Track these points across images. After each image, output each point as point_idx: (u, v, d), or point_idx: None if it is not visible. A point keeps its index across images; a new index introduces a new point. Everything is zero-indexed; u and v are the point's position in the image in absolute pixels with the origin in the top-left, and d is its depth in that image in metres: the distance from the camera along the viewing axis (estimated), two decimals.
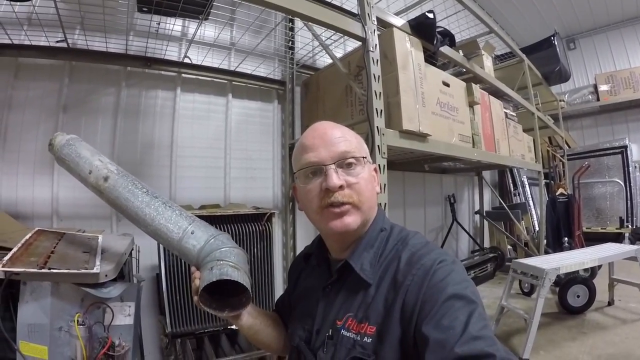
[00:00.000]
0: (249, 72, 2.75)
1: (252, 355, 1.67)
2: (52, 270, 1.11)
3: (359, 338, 0.73)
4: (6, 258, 1.14)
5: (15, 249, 1.25)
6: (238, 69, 2.69)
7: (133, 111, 2.40)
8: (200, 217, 1.74)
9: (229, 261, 0.90)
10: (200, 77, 2.61)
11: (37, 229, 1.58)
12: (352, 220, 0.77)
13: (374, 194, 0.84)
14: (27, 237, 1.42)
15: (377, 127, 1.77)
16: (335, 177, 0.76)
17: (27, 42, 2.06)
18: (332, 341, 0.77)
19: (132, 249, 1.75)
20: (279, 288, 2.83)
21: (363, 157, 0.81)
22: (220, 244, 0.97)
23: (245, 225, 1.89)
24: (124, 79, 2.38)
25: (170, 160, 2.50)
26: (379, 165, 1.76)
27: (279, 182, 2.97)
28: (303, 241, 2.94)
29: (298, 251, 2.85)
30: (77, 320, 1.13)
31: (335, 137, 0.80)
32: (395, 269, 0.75)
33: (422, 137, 2.08)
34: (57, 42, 2.12)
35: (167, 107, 2.51)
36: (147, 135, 2.44)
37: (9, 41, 2.01)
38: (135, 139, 2.40)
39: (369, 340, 0.72)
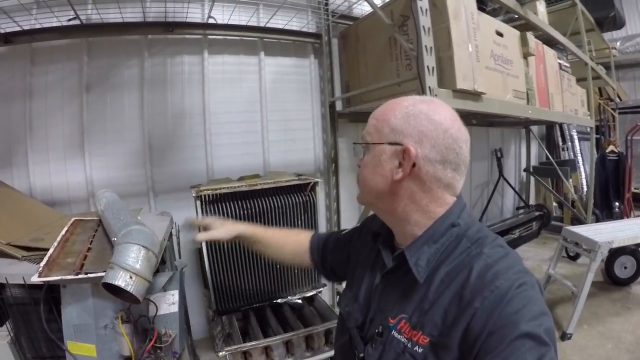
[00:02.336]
0: (280, 26, 2.53)
1: (300, 334, 1.62)
2: (88, 275, 1.10)
3: (410, 345, 0.68)
4: (42, 264, 1.15)
5: (51, 250, 1.25)
6: (269, 25, 2.48)
7: (159, 81, 2.30)
8: (239, 192, 1.68)
9: (112, 263, 1.04)
10: (228, 37, 2.43)
11: (73, 219, 1.60)
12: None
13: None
14: (63, 232, 1.43)
15: (429, 87, 1.59)
16: (357, 160, 0.82)
17: (38, 26, 1.97)
18: (381, 339, 0.74)
19: (172, 229, 1.71)
20: None
21: (368, 143, 0.77)
22: (118, 242, 1.12)
23: (287, 197, 1.77)
24: (146, 49, 2.26)
25: (204, 129, 2.41)
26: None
27: (320, 143, 2.84)
28: (347, 204, 2.87)
29: (342, 214, 2.83)
30: (121, 318, 1.12)
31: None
32: (463, 281, 0.66)
33: (476, 96, 1.87)
34: (69, 20, 2.01)
35: (195, 72, 2.38)
36: (176, 105, 2.35)
37: (19, 28, 1.93)
38: (165, 110, 2.32)
39: (420, 350, 0.67)
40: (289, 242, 1.19)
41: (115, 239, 1.18)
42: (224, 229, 1.15)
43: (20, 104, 2.05)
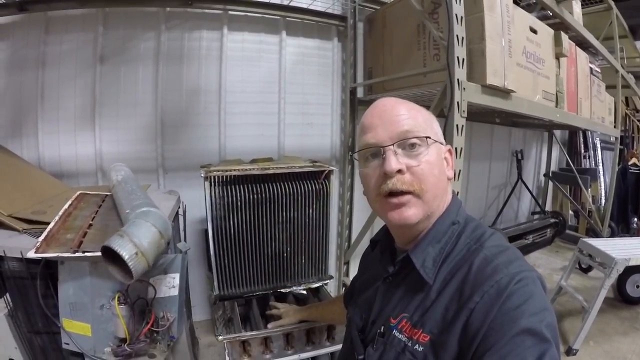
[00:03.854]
0: (304, 6, 2.44)
1: (301, 327, 1.58)
2: (85, 254, 1.09)
3: (410, 344, 0.69)
4: (40, 239, 1.14)
5: (51, 225, 1.24)
6: (292, 3, 2.40)
7: (176, 56, 2.25)
8: (251, 176, 1.63)
9: (123, 231, 1.02)
10: (249, 14, 2.37)
11: (78, 192, 1.60)
12: (412, 213, 0.71)
13: (442, 180, 0.75)
14: (66, 206, 1.43)
15: (458, 79, 1.51)
16: (394, 160, 0.70)
17: None
18: (382, 339, 0.74)
19: (179, 208, 1.68)
20: (334, 251, 2.79)
21: (428, 137, 0.73)
22: (134, 218, 1.12)
23: (300, 184, 1.71)
24: (164, 21, 2.21)
25: (218, 107, 2.37)
26: (457, 126, 1.53)
27: (338, 129, 2.79)
28: (361, 193, 2.81)
29: (355, 204, 2.82)
30: (118, 300, 1.11)
31: (395, 115, 0.73)
32: (463, 276, 0.66)
33: (505, 93, 1.80)
34: None
35: (213, 49, 2.33)
36: (192, 81, 2.30)
37: None
38: (180, 86, 2.28)
39: (420, 348, 0.67)
40: (336, 310, 1.31)
41: (129, 210, 1.17)
42: (288, 317, 1.47)
43: (32, 73, 2.03)
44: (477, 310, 0.61)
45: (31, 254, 1.06)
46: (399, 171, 0.70)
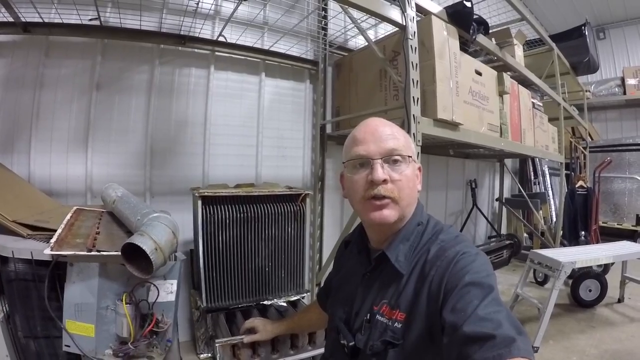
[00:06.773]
0: (282, 51, 2.70)
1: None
2: (102, 253, 1.13)
3: (390, 323, 0.80)
4: (53, 241, 1.17)
5: (59, 231, 1.28)
6: (272, 48, 2.65)
7: (167, 89, 2.39)
8: (237, 197, 1.83)
9: (142, 231, 1.10)
10: (233, 56, 2.58)
11: (75, 207, 1.64)
12: (389, 213, 0.84)
13: (414, 192, 0.89)
14: (68, 217, 1.46)
15: (414, 115, 1.78)
16: (381, 172, 0.82)
17: (57, 20, 2.02)
18: (369, 325, 0.85)
19: None
20: (307, 270, 2.91)
21: (409, 156, 0.86)
22: (148, 221, 1.19)
23: (280, 205, 1.91)
24: (158, 57, 2.36)
25: (203, 138, 2.50)
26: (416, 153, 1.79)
27: (309, 162, 2.99)
28: (330, 219, 3.01)
29: (325, 229, 2.94)
30: (125, 299, 1.16)
31: (385, 134, 0.86)
32: (424, 261, 0.81)
33: (454, 126, 2.09)
34: (90, 20, 2.07)
35: (200, 85, 2.50)
36: (180, 113, 2.44)
37: (39, 19, 1.95)
38: (169, 117, 2.41)
39: (399, 325, 0.79)
40: (313, 316, 1.38)
41: (139, 217, 1.24)
42: (265, 332, 1.44)
43: (29, 93, 2.04)
44: (434, 280, 0.75)
45: (47, 252, 1.09)
46: (384, 181, 0.82)
